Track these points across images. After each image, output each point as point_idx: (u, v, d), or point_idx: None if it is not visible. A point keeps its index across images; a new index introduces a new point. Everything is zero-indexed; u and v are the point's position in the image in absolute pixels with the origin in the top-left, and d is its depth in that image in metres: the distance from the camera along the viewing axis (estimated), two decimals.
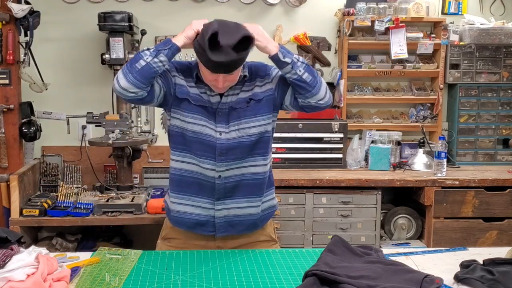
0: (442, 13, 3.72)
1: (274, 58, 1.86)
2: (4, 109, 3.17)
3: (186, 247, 1.98)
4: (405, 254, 1.88)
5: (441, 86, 3.64)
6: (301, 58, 1.89)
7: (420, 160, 3.43)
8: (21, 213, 2.91)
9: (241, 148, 1.93)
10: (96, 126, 3.20)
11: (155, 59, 1.80)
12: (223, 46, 1.70)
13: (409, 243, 3.30)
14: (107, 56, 3.14)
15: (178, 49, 1.83)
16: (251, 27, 1.84)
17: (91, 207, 2.94)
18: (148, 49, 1.83)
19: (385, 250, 1.87)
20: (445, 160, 3.23)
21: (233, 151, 1.92)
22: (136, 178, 3.44)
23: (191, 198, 1.97)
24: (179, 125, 1.93)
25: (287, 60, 1.84)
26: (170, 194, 2.03)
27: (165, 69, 1.89)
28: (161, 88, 1.89)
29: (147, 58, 1.79)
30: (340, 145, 3.43)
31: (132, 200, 3.02)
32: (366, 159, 3.49)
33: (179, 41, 1.83)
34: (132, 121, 3.26)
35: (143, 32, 3.30)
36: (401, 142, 3.58)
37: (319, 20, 3.67)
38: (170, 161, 2.02)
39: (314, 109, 1.98)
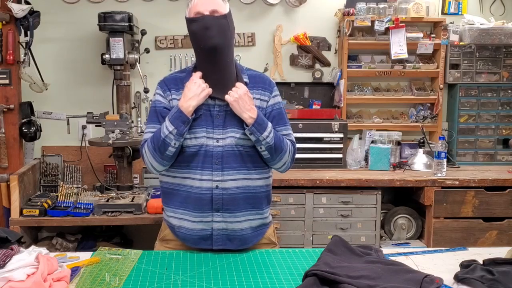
0: (442, 13, 3.72)
1: (246, 128, 1.91)
2: (4, 109, 3.17)
3: (184, 249, 1.97)
4: (405, 254, 1.88)
5: (441, 86, 3.64)
6: (269, 138, 1.91)
7: (420, 160, 3.43)
8: (21, 213, 2.91)
9: (235, 157, 1.93)
10: (96, 126, 3.20)
11: (181, 139, 1.88)
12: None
13: (409, 243, 3.30)
14: (107, 56, 3.14)
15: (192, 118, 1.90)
16: (236, 91, 1.90)
17: (91, 207, 2.94)
18: (170, 132, 1.86)
19: (385, 250, 1.87)
20: (445, 160, 3.23)
21: (228, 159, 1.92)
22: (136, 178, 3.44)
23: (192, 214, 1.94)
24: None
25: (252, 138, 1.91)
26: (173, 210, 1.99)
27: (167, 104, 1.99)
28: None
29: (175, 144, 1.88)
30: (340, 145, 3.43)
31: (132, 200, 3.02)
32: (366, 159, 3.49)
33: (191, 111, 1.88)
34: (132, 121, 3.26)
35: (143, 32, 3.30)
36: (401, 142, 3.58)
37: (319, 20, 3.67)
38: (164, 176, 2.01)
39: None
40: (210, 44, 1.87)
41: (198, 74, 1.92)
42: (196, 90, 1.88)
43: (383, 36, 3.55)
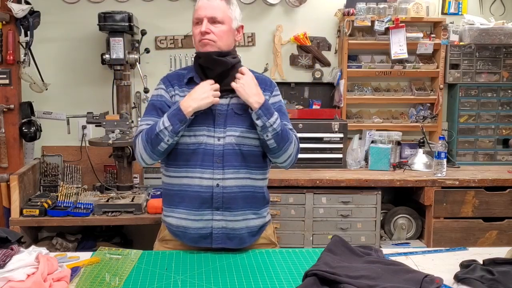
0: (442, 13, 3.72)
1: (252, 113, 1.91)
2: (4, 109, 3.17)
3: (184, 249, 1.97)
4: (405, 254, 1.88)
5: (441, 86, 3.64)
6: (276, 124, 1.91)
7: (420, 160, 3.43)
8: (21, 213, 2.91)
9: (236, 156, 1.93)
10: (96, 126, 3.20)
11: (175, 137, 1.88)
12: None
13: (409, 243, 3.30)
14: (107, 56, 3.14)
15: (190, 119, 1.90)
16: (242, 77, 1.92)
17: (91, 207, 2.94)
18: (165, 128, 1.86)
19: (385, 250, 1.87)
20: (445, 160, 3.23)
21: (229, 158, 1.92)
22: (136, 178, 3.44)
23: (193, 212, 1.94)
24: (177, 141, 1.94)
25: (258, 123, 1.89)
26: (173, 209, 1.99)
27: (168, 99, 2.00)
28: None
29: (167, 141, 1.87)
30: (340, 145, 3.43)
31: (132, 200, 3.02)
32: (366, 159, 3.49)
33: (190, 112, 1.88)
34: (132, 121, 3.27)
35: (143, 32, 3.30)
36: (401, 142, 3.58)
37: (319, 20, 3.67)
38: (165, 177, 2.01)
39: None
40: (212, 73, 1.95)
41: (210, 81, 1.93)
42: (201, 94, 1.88)
43: (383, 36, 3.55)
